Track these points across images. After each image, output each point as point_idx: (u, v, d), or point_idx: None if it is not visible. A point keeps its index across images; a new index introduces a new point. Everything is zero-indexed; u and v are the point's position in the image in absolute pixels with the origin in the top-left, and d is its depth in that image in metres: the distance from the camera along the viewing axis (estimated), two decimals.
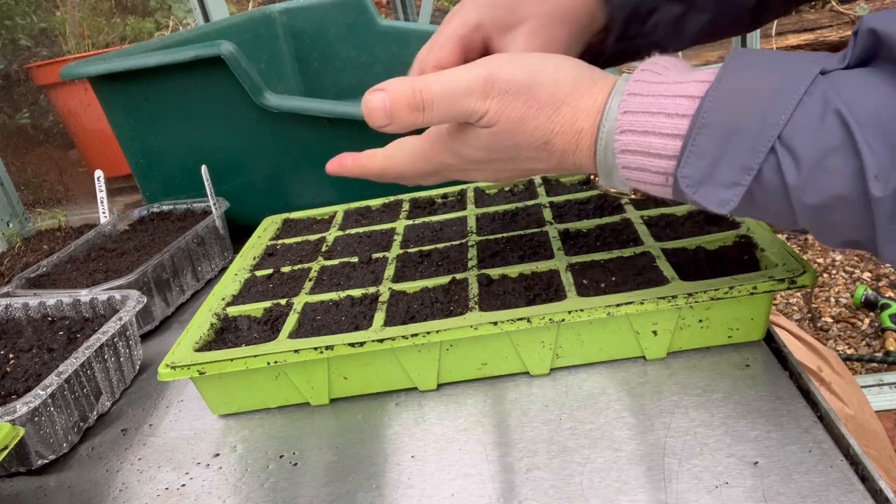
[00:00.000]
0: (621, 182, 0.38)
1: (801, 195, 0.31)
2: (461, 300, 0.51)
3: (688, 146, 0.34)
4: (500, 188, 0.73)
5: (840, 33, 2.62)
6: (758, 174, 0.32)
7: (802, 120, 0.31)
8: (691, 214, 0.58)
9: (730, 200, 0.33)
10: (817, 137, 0.30)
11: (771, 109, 0.31)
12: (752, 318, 0.47)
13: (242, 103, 0.76)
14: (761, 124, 0.32)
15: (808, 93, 0.31)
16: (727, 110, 0.33)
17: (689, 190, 0.34)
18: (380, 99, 0.39)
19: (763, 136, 0.32)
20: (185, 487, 0.46)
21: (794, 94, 0.31)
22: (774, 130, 0.31)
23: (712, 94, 0.33)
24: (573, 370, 0.50)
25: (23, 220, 1.18)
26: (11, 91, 2.14)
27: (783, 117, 0.31)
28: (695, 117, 0.33)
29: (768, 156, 0.32)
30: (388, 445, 0.46)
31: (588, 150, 0.38)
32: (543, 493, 0.40)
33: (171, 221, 0.83)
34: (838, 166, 0.30)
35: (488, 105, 0.38)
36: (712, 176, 0.33)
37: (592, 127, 0.37)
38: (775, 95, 0.32)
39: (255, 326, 0.54)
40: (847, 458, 0.38)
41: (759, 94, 0.32)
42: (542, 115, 0.38)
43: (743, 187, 0.33)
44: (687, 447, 0.41)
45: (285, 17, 1.18)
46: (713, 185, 0.34)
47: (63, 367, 0.51)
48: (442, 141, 0.42)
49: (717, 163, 0.33)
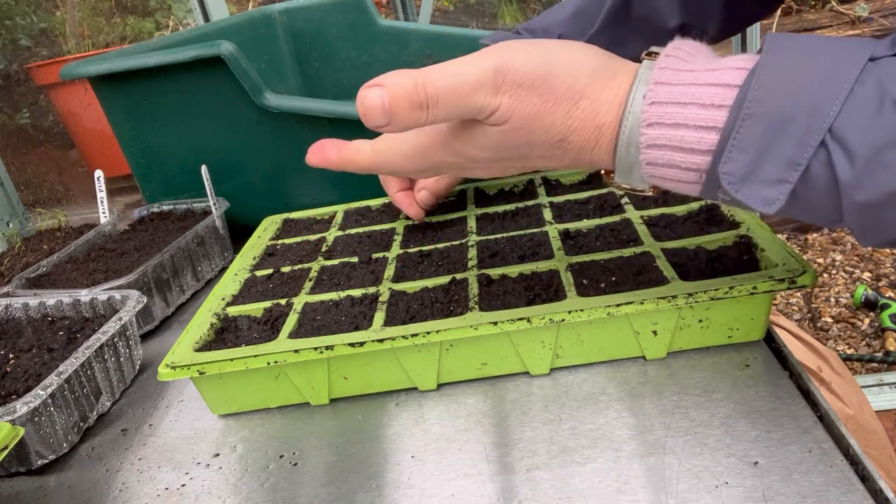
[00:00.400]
0: (641, 179, 0.36)
1: (853, 192, 0.29)
2: (461, 300, 0.51)
3: (730, 140, 0.31)
4: (500, 188, 0.73)
5: (840, 33, 2.62)
6: (806, 170, 0.30)
7: (856, 110, 0.28)
8: (691, 214, 0.58)
9: (776, 199, 0.31)
10: (873, 129, 0.28)
11: (821, 99, 0.29)
12: (752, 318, 0.47)
13: (242, 103, 0.76)
14: (810, 116, 0.29)
15: (859, 81, 0.29)
16: (772, 100, 0.30)
17: (731, 188, 0.31)
18: (377, 96, 0.35)
19: (813, 128, 0.29)
20: (185, 487, 0.46)
21: (844, 82, 0.29)
22: (825, 122, 0.29)
23: (756, 82, 0.30)
24: (573, 370, 0.50)
25: (23, 220, 1.18)
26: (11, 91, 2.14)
27: (834, 108, 0.29)
28: (735, 108, 0.31)
29: (818, 150, 0.29)
30: (388, 445, 0.46)
31: (608, 145, 0.35)
32: (543, 493, 0.40)
33: (171, 221, 0.83)
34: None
35: (500, 100, 0.35)
36: (756, 172, 0.31)
37: (615, 121, 0.34)
38: (824, 84, 0.29)
39: (255, 326, 0.54)
40: (847, 458, 0.38)
41: (806, 83, 0.29)
42: (559, 111, 0.35)
43: (790, 184, 0.30)
44: (687, 447, 0.41)
45: (285, 17, 1.18)
46: (757, 183, 0.31)
47: (63, 367, 0.51)
48: (442, 139, 0.39)
49: (762, 158, 0.30)
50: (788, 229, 2.22)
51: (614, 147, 0.35)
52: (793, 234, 2.22)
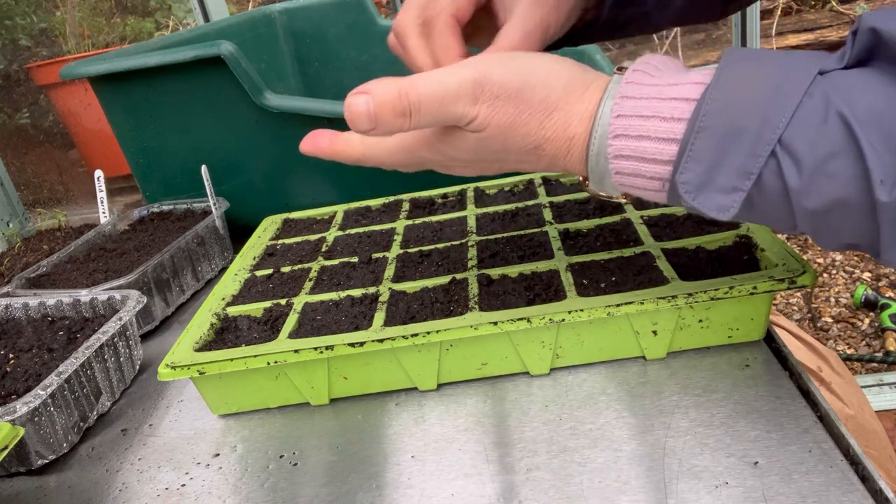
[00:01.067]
0: (613, 187, 0.38)
1: (802, 199, 0.31)
2: (461, 300, 0.51)
3: (686, 151, 0.33)
4: (501, 188, 0.73)
5: (840, 33, 2.62)
6: (758, 179, 0.31)
7: (803, 122, 0.30)
8: (691, 214, 0.58)
9: (730, 206, 0.33)
10: (819, 140, 0.30)
11: (771, 111, 0.31)
12: (752, 318, 0.47)
13: (242, 103, 0.76)
14: (761, 127, 0.31)
15: (808, 93, 0.30)
16: (725, 113, 0.32)
17: (688, 196, 0.33)
18: (363, 102, 0.36)
19: (763, 139, 0.31)
20: (185, 487, 0.46)
21: (793, 95, 0.30)
22: (775, 133, 0.30)
23: (710, 96, 0.32)
24: (573, 370, 0.50)
25: (23, 220, 1.19)
26: (11, 91, 2.14)
27: (783, 119, 0.30)
28: (692, 121, 0.32)
29: (769, 159, 0.31)
30: (388, 445, 0.46)
31: (580, 154, 0.37)
32: (543, 493, 0.40)
33: (171, 221, 0.83)
34: (840, 170, 0.29)
35: (478, 110, 0.37)
36: (711, 181, 0.33)
37: (585, 132, 0.36)
38: (774, 97, 0.31)
39: (255, 326, 0.54)
40: (847, 458, 0.38)
41: (757, 96, 0.31)
42: (534, 121, 0.37)
43: (743, 192, 0.32)
44: (687, 447, 0.41)
45: (285, 17, 1.18)
46: (712, 191, 0.33)
47: (63, 367, 0.51)
48: (426, 139, 0.41)
49: (716, 168, 0.32)
50: (786, 233, 2.22)
51: (586, 156, 0.37)
52: (793, 234, 2.22)
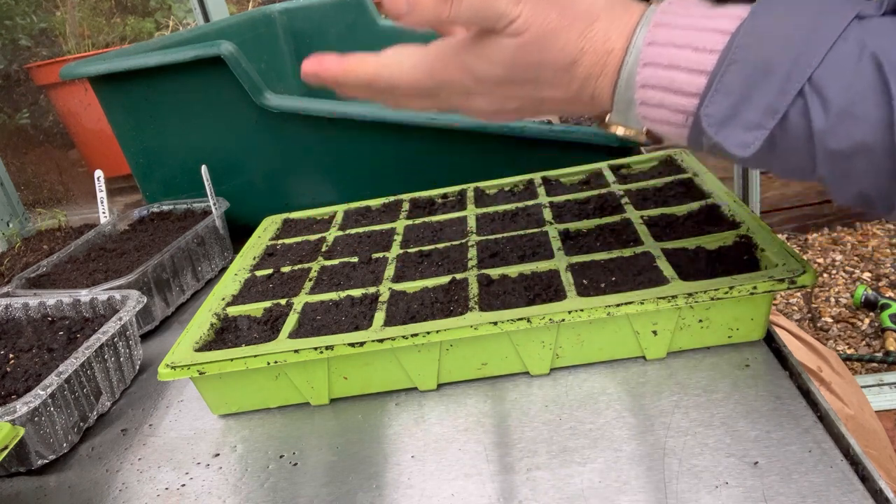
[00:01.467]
0: (636, 120, 0.36)
1: (826, 140, 0.30)
2: (461, 300, 0.51)
3: (714, 83, 0.32)
4: (501, 188, 0.73)
5: None
6: (783, 117, 0.31)
7: (835, 63, 0.30)
8: (691, 214, 0.58)
9: (752, 143, 0.32)
10: (850, 82, 0.29)
11: (804, 51, 0.30)
12: (752, 317, 0.47)
13: (242, 103, 0.76)
14: (792, 65, 0.30)
15: (842, 36, 0.30)
16: (758, 48, 0.31)
17: (710, 130, 0.33)
18: None
19: (793, 77, 0.30)
20: (185, 487, 0.46)
21: (828, 36, 0.30)
22: (805, 72, 0.30)
23: (744, 29, 0.32)
24: (573, 370, 0.50)
25: (23, 220, 1.19)
26: (11, 91, 2.14)
27: (816, 59, 0.30)
28: (724, 53, 0.32)
29: (796, 98, 0.30)
30: (388, 445, 0.46)
31: (611, 77, 0.36)
32: (543, 493, 0.40)
33: (171, 221, 0.83)
34: (868, 113, 0.29)
35: (521, 9, 0.35)
36: (736, 116, 0.32)
37: (622, 49, 0.35)
38: (809, 37, 0.30)
39: (255, 326, 0.54)
40: (847, 458, 0.38)
41: (792, 35, 0.31)
42: (575, 30, 0.35)
43: (766, 130, 0.32)
44: (687, 447, 0.41)
45: (285, 17, 1.18)
46: (736, 127, 0.32)
47: (63, 367, 0.51)
48: (454, 54, 0.38)
49: (742, 102, 0.32)
50: (788, 229, 2.22)
51: (615, 81, 0.36)
52: (793, 234, 2.22)
